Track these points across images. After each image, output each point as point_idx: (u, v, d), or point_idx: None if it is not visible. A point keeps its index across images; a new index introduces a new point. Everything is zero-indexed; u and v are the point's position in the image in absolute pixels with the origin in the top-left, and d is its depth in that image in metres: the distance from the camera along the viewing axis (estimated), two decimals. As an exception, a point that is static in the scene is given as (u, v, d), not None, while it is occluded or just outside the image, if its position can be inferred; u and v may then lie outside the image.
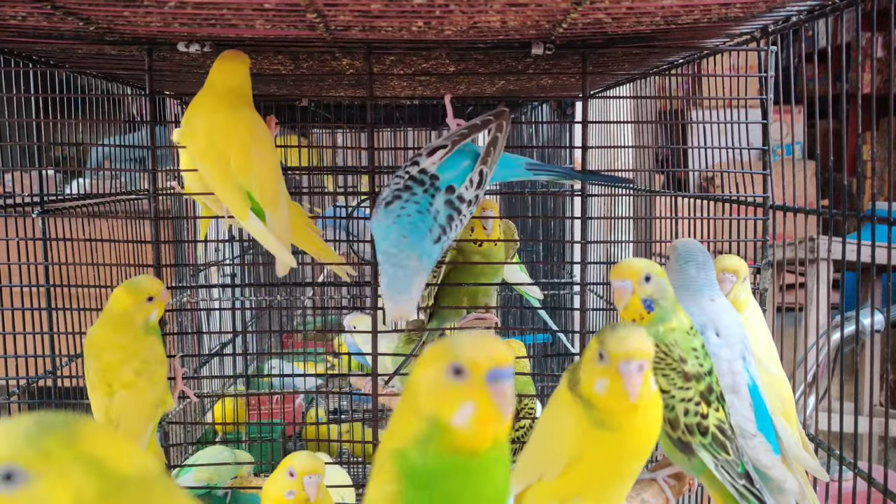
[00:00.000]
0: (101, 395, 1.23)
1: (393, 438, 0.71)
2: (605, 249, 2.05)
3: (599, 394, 0.85)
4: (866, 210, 1.20)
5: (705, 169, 1.57)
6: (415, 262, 1.05)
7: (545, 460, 0.90)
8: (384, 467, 0.71)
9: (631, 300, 1.03)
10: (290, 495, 1.20)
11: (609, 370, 0.84)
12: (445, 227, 1.09)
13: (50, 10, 1.02)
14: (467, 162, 1.15)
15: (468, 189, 1.12)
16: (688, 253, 1.14)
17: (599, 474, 0.89)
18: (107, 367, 1.23)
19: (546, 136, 2.58)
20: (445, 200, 1.10)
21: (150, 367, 1.25)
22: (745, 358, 1.10)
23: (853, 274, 2.73)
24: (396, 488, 0.69)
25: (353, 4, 0.98)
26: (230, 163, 1.21)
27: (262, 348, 2.66)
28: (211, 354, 2.23)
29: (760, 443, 1.07)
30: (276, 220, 1.24)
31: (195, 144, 1.23)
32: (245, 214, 1.22)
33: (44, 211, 1.48)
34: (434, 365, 0.68)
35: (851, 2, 1.06)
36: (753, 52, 1.35)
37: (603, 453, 0.87)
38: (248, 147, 1.21)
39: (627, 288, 1.03)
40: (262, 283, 2.48)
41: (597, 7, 1.01)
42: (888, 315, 1.84)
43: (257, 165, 1.22)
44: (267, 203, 1.23)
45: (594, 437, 0.86)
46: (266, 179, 1.23)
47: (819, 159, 1.24)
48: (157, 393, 1.27)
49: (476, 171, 1.13)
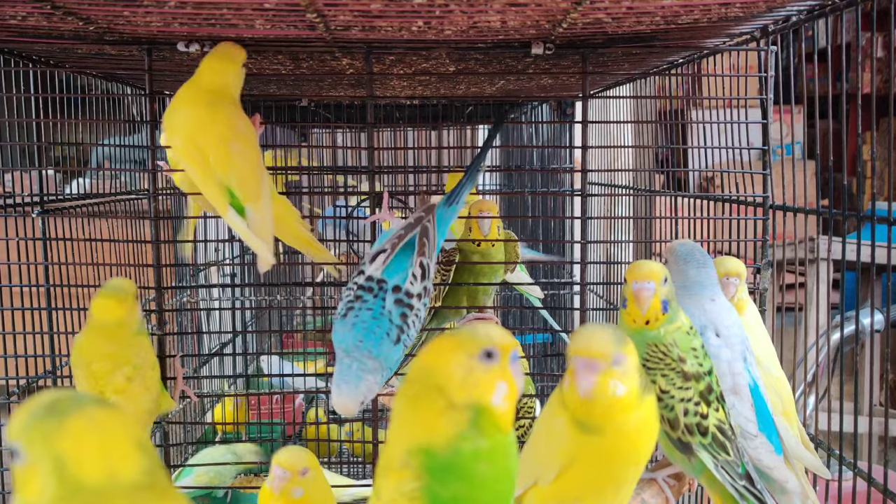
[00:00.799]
0: None
1: (416, 436, 0.71)
2: (605, 249, 2.05)
3: (567, 393, 0.86)
4: (866, 210, 1.21)
5: (705, 169, 1.57)
6: (371, 361, 1.07)
7: (540, 464, 0.90)
8: (405, 466, 0.70)
9: (653, 302, 1.03)
10: (271, 485, 1.19)
11: (570, 369, 0.85)
12: (402, 326, 1.12)
13: (50, 10, 1.02)
14: (405, 259, 1.17)
15: (414, 284, 1.14)
16: (687, 254, 1.14)
17: (592, 479, 0.88)
18: (97, 375, 1.22)
19: (546, 136, 2.58)
20: (395, 300, 1.13)
21: (142, 371, 1.24)
22: (745, 358, 1.10)
23: (853, 274, 2.73)
24: (418, 485, 0.69)
25: (353, 4, 0.98)
26: (209, 159, 1.20)
27: (262, 348, 2.66)
28: (211, 354, 2.23)
29: (762, 443, 1.07)
30: (256, 216, 1.22)
31: (176, 142, 1.22)
32: (224, 209, 1.21)
33: (44, 211, 1.48)
34: (461, 354, 0.71)
35: (851, 2, 1.06)
36: (753, 52, 1.35)
37: (592, 458, 0.87)
38: (227, 141, 1.20)
39: (652, 289, 1.02)
40: (262, 283, 2.48)
41: (597, 7, 1.01)
42: (888, 315, 1.84)
43: (237, 160, 1.20)
44: (247, 198, 1.21)
45: (581, 441, 0.86)
46: (246, 174, 1.21)
47: (819, 159, 1.24)
48: (151, 398, 1.26)
49: (416, 265, 1.16)
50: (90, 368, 1.23)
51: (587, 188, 1.39)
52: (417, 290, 1.15)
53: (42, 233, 1.49)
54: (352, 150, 2.98)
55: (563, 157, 2.50)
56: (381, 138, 2.80)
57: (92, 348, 1.24)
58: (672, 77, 1.58)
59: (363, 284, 1.14)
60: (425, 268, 1.17)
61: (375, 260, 1.16)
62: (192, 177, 1.24)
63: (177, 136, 1.21)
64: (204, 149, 1.20)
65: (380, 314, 1.11)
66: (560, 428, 0.87)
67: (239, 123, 1.23)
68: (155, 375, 1.28)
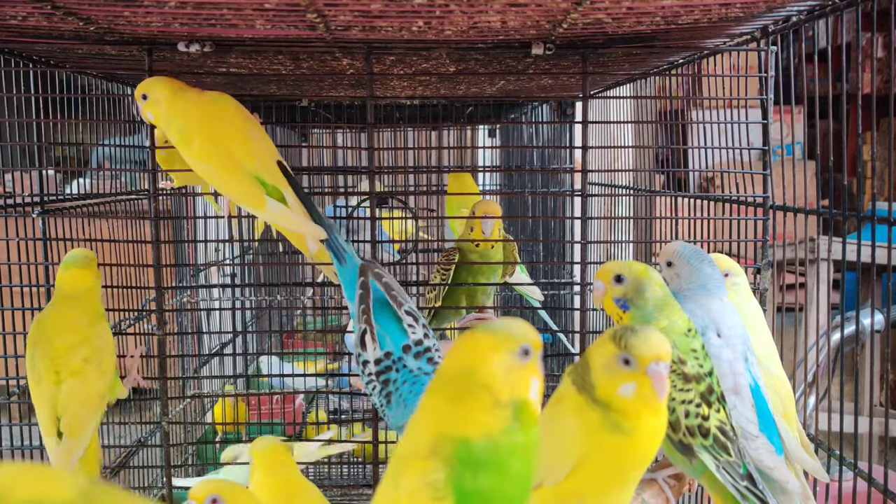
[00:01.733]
0: (49, 384, 1.20)
1: (450, 428, 0.72)
2: (605, 249, 2.05)
3: (625, 397, 0.85)
4: (866, 210, 1.20)
5: (705, 169, 1.57)
6: None
7: (548, 464, 0.90)
8: (433, 455, 0.71)
9: (604, 300, 1.07)
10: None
11: (636, 374, 0.85)
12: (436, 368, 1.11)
13: (50, 11, 1.02)
14: (389, 319, 1.15)
15: (415, 330, 1.13)
16: (691, 255, 1.14)
17: (603, 479, 0.89)
18: (57, 352, 1.20)
19: (546, 136, 2.58)
20: (414, 355, 1.12)
21: (100, 354, 1.23)
22: (747, 359, 1.10)
23: (853, 274, 2.73)
24: (444, 475, 0.70)
25: (354, 4, 0.98)
26: (233, 151, 1.19)
27: (263, 348, 2.66)
28: (211, 354, 2.23)
29: (763, 444, 1.07)
30: (292, 199, 1.20)
31: (193, 147, 1.20)
32: (262, 201, 1.19)
33: (44, 211, 1.48)
34: (502, 352, 0.74)
35: (851, 2, 1.06)
36: (753, 53, 1.35)
37: (611, 457, 0.87)
38: (245, 130, 1.20)
39: (600, 288, 1.07)
40: (262, 283, 2.48)
41: (597, 7, 1.01)
42: (888, 315, 1.84)
43: (258, 147, 1.20)
44: (279, 183, 1.20)
45: (604, 440, 0.86)
46: (269, 160, 1.21)
47: (819, 159, 1.24)
48: (104, 383, 1.24)
49: (405, 316, 1.14)
50: (53, 345, 1.21)
51: (587, 188, 1.39)
52: (421, 334, 1.13)
53: (42, 233, 1.49)
54: (352, 151, 2.98)
55: (564, 158, 2.50)
56: (382, 138, 2.80)
57: (57, 323, 1.22)
58: (672, 77, 1.58)
59: (378, 370, 1.12)
60: (413, 313, 1.15)
61: (365, 344, 1.13)
62: (216, 181, 1.23)
63: (195, 140, 1.20)
64: (225, 142, 1.19)
65: (414, 378, 1.10)
66: (577, 427, 0.87)
67: (245, 112, 1.24)
68: (112, 361, 1.26)
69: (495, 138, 2.99)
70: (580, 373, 0.90)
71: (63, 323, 1.23)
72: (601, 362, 0.87)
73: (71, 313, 1.23)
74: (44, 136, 1.55)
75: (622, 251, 1.94)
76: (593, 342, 0.92)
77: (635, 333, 0.86)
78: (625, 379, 0.85)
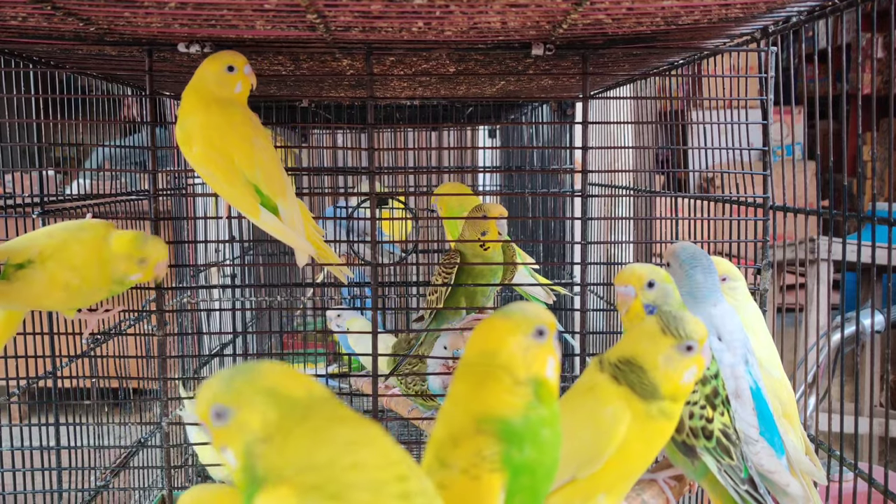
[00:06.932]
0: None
1: (487, 408, 0.77)
2: (606, 250, 2.05)
3: (688, 383, 0.90)
4: (866, 211, 1.20)
5: (705, 169, 1.57)
6: None
7: (582, 457, 0.89)
8: (480, 433, 0.76)
9: (633, 305, 1.06)
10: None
11: (696, 357, 0.90)
12: None
13: (50, 11, 1.02)
14: None
15: None
16: (691, 258, 1.14)
17: (636, 465, 0.92)
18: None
19: (546, 136, 2.58)
20: None
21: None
22: (748, 361, 1.10)
23: (853, 274, 2.73)
24: (497, 450, 0.76)
25: (354, 5, 0.98)
26: (233, 159, 1.19)
27: (263, 349, 2.65)
28: (211, 355, 2.23)
29: (763, 447, 1.07)
30: (287, 212, 1.21)
31: (192, 150, 1.20)
32: (256, 210, 1.20)
33: (44, 211, 1.48)
34: (518, 334, 0.78)
35: (851, 2, 1.06)
36: (753, 53, 1.35)
37: (652, 442, 0.91)
38: (249, 138, 1.20)
39: (630, 293, 1.06)
40: (262, 284, 2.48)
41: (597, 8, 1.01)
42: (888, 315, 1.84)
43: (261, 156, 1.20)
44: (276, 194, 1.21)
45: (646, 428, 0.89)
46: (272, 170, 1.21)
47: (819, 160, 1.24)
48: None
49: None
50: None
51: (587, 189, 1.39)
52: None
53: (42, 233, 1.48)
54: (352, 151, 2.98)
55: (564, 158, 2.49)
56: (382, 139, 2.80)
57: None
58: (672, 78, 1.58)
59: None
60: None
61: None
62: (215, 183, 1.22)
63: (195, 144, 1.20)
64: (227, 150, 1.19)
65: None
66: (617, 417, 0.89)
67: (254, 121, 1.23)
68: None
69: (495, 139, 2.99)
70: (628, 376, 0.90)
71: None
72: (659, 359, 0.90)
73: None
74: (44, 136, 1.55)
75: (622, 252, 1.94)
76: (623, 343, 0.93)
77: (683, 321, 0.90)
78: (688, 365, 0.90)
